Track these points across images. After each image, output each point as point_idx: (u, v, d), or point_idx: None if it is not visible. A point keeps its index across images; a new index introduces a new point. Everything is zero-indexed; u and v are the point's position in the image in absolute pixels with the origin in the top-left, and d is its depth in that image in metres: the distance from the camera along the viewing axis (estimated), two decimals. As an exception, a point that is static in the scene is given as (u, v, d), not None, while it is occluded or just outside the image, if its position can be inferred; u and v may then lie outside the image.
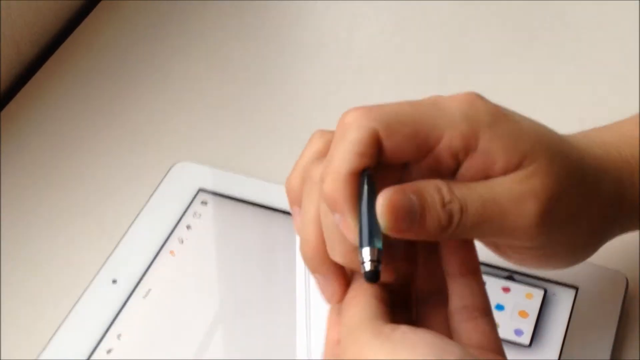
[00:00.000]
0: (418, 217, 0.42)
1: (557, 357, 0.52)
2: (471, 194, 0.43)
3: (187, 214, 0.60)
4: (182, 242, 0.59)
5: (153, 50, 0.73)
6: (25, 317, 0.57)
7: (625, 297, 0.55)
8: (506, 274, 0.56)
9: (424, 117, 0.43)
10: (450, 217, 0.42)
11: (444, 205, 0.42)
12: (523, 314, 0.55)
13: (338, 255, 0.43)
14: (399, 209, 0.41)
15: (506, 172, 0.43)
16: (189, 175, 0.62)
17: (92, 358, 0.53)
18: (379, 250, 0.41)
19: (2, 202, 0.63)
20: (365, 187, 0.42)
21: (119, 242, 0.59)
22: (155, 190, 0.62)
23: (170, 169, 0.63)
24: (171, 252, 0.59)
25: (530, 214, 0.43)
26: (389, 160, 0.43)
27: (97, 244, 0.60)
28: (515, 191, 0.43)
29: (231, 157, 0.65)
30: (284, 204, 0.60)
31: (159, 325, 0.55)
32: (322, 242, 0.44)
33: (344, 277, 0.44)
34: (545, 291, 0.55)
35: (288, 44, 0.75)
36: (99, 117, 0.69)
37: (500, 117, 0.44)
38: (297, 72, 0.72)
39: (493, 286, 0.56)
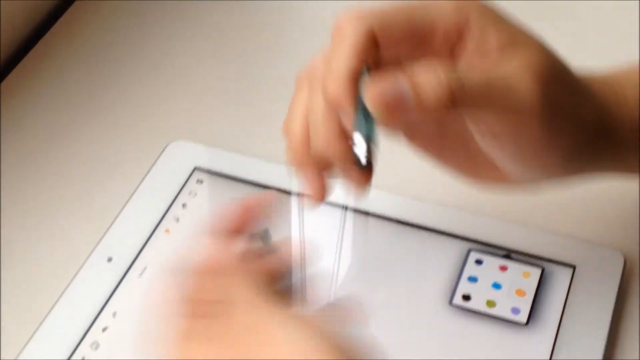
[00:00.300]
0: (413, 101, 0.42)
1: (554, 336, 0.52)
2: (472, 71, 0.43)
3: (182, 192, 0.60)
4: (178, 220, 0.59)
5: (149, 29, 0.73)
6: (21, 294, 0.57)
7: (622, 276, 0.55)
8: (504, 252, 0.56)
9: (417, 11, 0.45)
10: (451, 94, 0.42)
11: (440, 83, 0.42)
12: (520, 293, 0.54)
13: (320, 143, 0.45)
14: (389, 97, 0.42)
15: (501, 48, 0.44)
16: (185, 154, 0.62)
17: (87, 336, 0.53)
18: (372, 141, 0.43)
19: (-4, 180, 0.63)
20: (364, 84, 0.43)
21: (114, 221, 0.59)
22: (150, 169, 0.61)
23: (165, 148, 0.62)
24: (167, 230, 0.58)
25: (532, 88, 0.43)
26: (386, 59, 0.44)
27: (93, 223, 0.60)
28: (515, 65, 0.44)
29: (227, 135, 0.64)
30: (280, 183, 0.60)
31: (154, 304, 0.55)
32: (308, 138, 0.46)
33: (324, 178, 0.47)
34: (543, 270, 0.55)
35: (285, 22, 0.74)
36: (94, 96, 0.68)
37: (488, 6, 0.46)
38: (294, 50, 0.72)
39: (490, 265, 0.56)
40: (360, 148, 0.43)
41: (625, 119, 0.49)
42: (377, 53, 0.44)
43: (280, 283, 0.46)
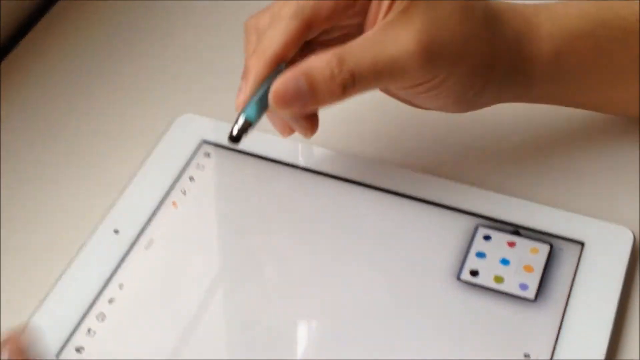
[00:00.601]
0: (308, 96, 0.49)
1: (562, 312, 0.52)
2: (362, 54, 0.49)
3: (190, 165, 0.60)
4: (185, 193, 0.59)
5: (158, 0, 0.73)
6: (28, 266, 0.56)
7: (631, 253, 0.54)
8: (512, 228, 0.56)
9: None
10: (343, 87, 0.49)
11: (333, 78, 0.48)
12: (528, 269, 0.54)
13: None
14: (286, 93, 0.49)
15: (397, 11, 0.50)
16: (192, 127, 0.62)
17: (93, 307, 0.53)
18: (250, 123, 0.50)
19: (3, 153, 0.62)
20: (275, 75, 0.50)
21: (121, 193, 0.58)
22: (158, 142, 0.61)
23: (173, 121, 0.62)
24: (174, 203, 0.58)
25: (413, 54, 0.49)
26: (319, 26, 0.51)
27: (100, 195, 0.59)
28: (398, 32, 0.49)
29: (235, 109, 0.64)
30: (287, 157, 0.60)
31: (161, 276, 0.55)
32: None
33: None
34: (551, 246, 0.55)
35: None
36: (102, 69, 0.68)
37: None
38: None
39: (498, 241, 0.55)
40: (237, 124, 0.51)
41: (537, 54, 0.54)
42: (307, 36, 0.51)
43: None
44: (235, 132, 0.50)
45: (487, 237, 0.56)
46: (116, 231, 0.57)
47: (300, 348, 0.52)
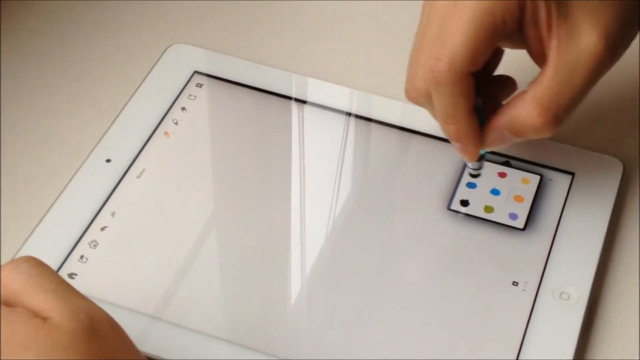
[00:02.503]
0: (514, 139, 0.49)
1: (550, 241, 0.52)
2: (561, 89, 0.47)
3: (182, 95, 0.60)
4: (177, 123, 0.59)
5: None
6: (20, 193, 0.57)
7: (621, 183, 0.55)
8: (503, 159, 0.56)
9: (488, 26, 0.47)
10: (551, 128, 0.47)
11: (539, 128, 0.47)
12: (518, 199, 0.54)
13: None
14: (494, 143, 0.50)
15: (558, 22, 0.46)
16: (185, 57, 0.62)
17: (86, 234, 0.53)
18: (483, 155, 0.52)
19: (-5, 82, 0.62)
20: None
21: (113, 122, 0.58)
22: (150, 72, 0.61)
23: (165, 51, 0.62)
24: (165, 133, 0.58)
25: (601, 52, 0.47)
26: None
27: (92, 124, 0.59)
28: (578, 46, 0.46)
29: (227, 39, 0.64)
30: (280, 88, 0.60)
31: (153, 204, 0.55)
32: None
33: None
34: (542, 177, 0.55)
35: None
36: (93, -1, 0.68)
37: None
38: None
39: (489, 171, 0.55)
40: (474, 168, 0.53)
41: None
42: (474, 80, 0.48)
43: None
44: (476, 173, 0.53)
45: (477, 168, 0.56)
46: (108, 160, 0.57)
47: (295, 276, 0.53)
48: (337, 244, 0.53)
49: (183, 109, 0.59)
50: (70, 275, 0.52)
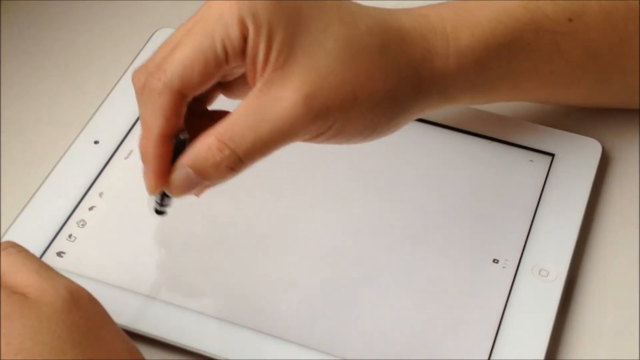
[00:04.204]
0: (202, 181, 0.46)
1: (530, 219, 0.53)
2: (243, 132, 0.45)
3: (169, 79, 0.60)
4: (164, 106, 0.59)
5: None
6: (9, 174, 0.57)
7: (600, 164, 0.56)
8: (487, 141, 0.57)
9: (206, 48, 0.45)
10: (231, 169, 0.46)
11: (219, 164, 0.45)
12: (499, 179, 0.56)
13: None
14: (180, 185, 0.47)
15: (274, 68, 0.45)
16: (171, 42, 0.62)
17: (74, 214, 0.54)
18: (165, 197, 0.49)
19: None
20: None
21: (101, 105, 0.59)
22: (137, 55, 0.62)
23: (153, 34, 0.63)
24: (153, 115, 0.59)
25: (299, 113, 0.45)
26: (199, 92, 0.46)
27: (80, 107, 0.60)
28: (279, 92, 0.45)
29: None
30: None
31: (140, 185, 0.55)
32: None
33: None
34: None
35: None
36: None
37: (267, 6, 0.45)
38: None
39: (471, 152, 0.57)
40: (159, 205, 0.50)
41: (453, 67, 0.49)
42: (186, 104, 0.46)
43: None
44: (160, 209, 0.50)
45: (459, 149, 0.57)
46: (96, 142, 0.57)
47: (283, 254, 0.53)
48: (310, 221, 0.54)
49: (170, 91, 0.60)
50: (59, 254, 0.53)
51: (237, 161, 0.45)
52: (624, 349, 0.50)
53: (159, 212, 0.50)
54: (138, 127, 0.58)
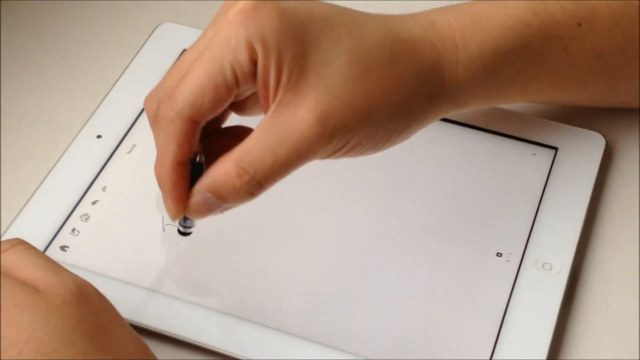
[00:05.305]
0: (221, 204, 0.47)
1: (534, 213, 0.53)
2: (261, 156, 0.45)
3: (171, 73, 0.60)
4: (167, 100, 0.59)
5: None
6: (12, 168, 0.57)
7: (603, 157, 0.56)
8: (490, 135, 0.57)
9: (216, 74, 0.45)
10: (251, 193, 0.46)
11: (238, 190, 0.46)
12: (503, 173, 0.56)
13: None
14: (200, 209, 0.47)
15: (285, 93, 0.45)
16: (173, 36, 0.62)
17: (77, 208, 0.54)
18: (187, 219, 0.50)
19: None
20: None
21: (103, 99, 0.59)
22: (139, 51, 0.62)
23: (154, 29, 0.63)
24: (156, 109, 0.59)
25: (315, 134, 0.45)
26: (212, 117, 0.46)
27: (82, 102, 0.60)
28: (293, 114, 0.45)
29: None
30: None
31: (143, 179, 0.56)
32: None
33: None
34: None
35: None
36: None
37: (276, 31, 0.44)
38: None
39: (474, 146, 0.57)
40: (184, 228, 0.51)
41: (463, 75, 0.49)
42: (199, 130, 0.46)
43: None
44: (184, 231, 0.51)
45: (463, 143, 0.57)
46: (99, 136, 0.57)
47: (284, 247, 0.53)
48: (314, 216, 0.54)
49: (173, 86, 0.60)
50: (62, 248, 0.53)
51: (256, 186, 0.46)
52: (628, 342, 0.50)
53: (184, 234, 0.51)
54: (141, 121, 0.58)
